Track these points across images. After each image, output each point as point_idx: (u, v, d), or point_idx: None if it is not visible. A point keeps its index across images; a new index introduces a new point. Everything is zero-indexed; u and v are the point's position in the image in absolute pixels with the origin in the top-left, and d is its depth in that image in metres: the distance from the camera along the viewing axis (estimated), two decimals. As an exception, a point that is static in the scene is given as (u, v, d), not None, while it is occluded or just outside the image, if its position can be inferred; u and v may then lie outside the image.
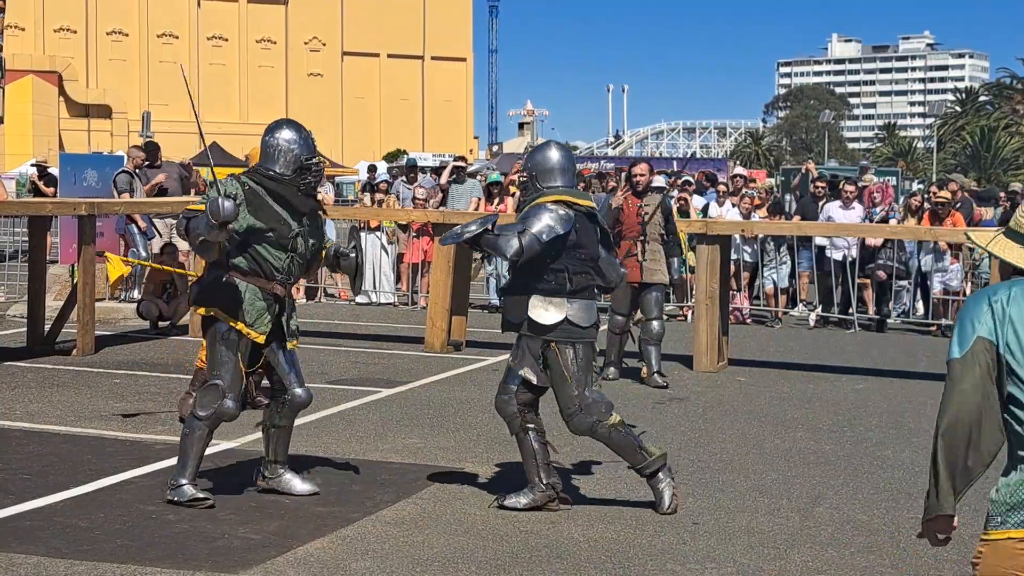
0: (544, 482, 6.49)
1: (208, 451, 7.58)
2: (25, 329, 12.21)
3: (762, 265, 16.46)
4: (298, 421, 8.55)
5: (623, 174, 14.84)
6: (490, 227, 6.41)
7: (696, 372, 11.44)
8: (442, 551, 5.80)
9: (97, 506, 6.40)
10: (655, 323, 10.66)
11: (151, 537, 5.88)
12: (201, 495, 6.39)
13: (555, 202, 6.41)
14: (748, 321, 15.97)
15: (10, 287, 16.74)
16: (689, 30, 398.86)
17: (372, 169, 23.08)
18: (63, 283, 14.98)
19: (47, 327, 12.06)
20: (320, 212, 6.72)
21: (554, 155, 6.63)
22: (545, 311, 6.39)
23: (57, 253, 14.71)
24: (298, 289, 17.77)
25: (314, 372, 11.02)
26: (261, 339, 6.49)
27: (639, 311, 10.82)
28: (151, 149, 15.91)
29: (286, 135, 6.54)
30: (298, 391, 6.66)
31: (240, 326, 6.42)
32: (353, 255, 6.87)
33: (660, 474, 6.51)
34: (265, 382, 7.05)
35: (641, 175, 10.76)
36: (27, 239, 13.36)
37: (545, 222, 6.33)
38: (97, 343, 11.95)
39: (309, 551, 5.75)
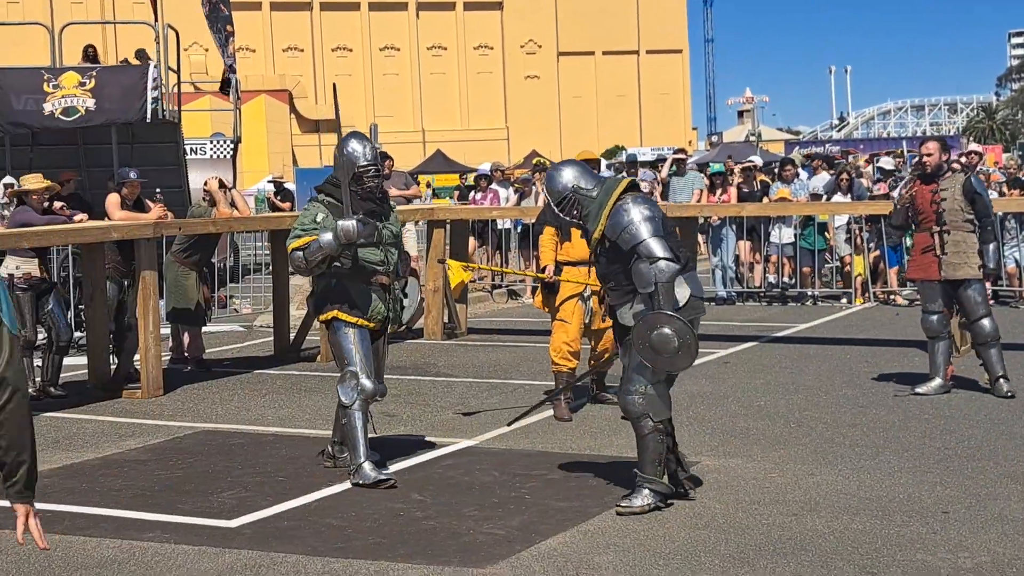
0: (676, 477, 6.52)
1: (446, 450, 7.84)
2: (272, 338, 12.79)
3: (1001, 243, 15.79)
4: (534, 418, 8.75)
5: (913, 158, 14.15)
6: (658, 294, 6.17)
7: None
8: (684, 545, 5.80)
9: (348, 505, 6.66)
10: (985, 322, 9.34)
11: (401, 534, 6.09)
12: (383, 476, 6.97)
13: (620, 198, 6.38)
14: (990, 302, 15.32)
15: (256, 299, 17.54)
16: (912, 4, 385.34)
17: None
18: (305, 293, 15.58)
19: (292, 335, 12.60)
20: (384, 207, 7.33)
21: (573, 166, 6.72)
22: (679, 288, 6.27)
23: (297, 264, 15.31)
24: (528, 289, 18.02)
25: (544, 370, 11.17)
26: (375, 326, 7.24)
27: (958, 312, 9.59)
28: (382, 160, 16.34)
29: (349, 147, 7.25)
30: (366, 382, 7.14)
31: (359, 320, 7.14)
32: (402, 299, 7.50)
33: (648, 490, 6.34)
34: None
35: (928, 155, 9.37)
36: (269, 253, 13.98)
37: (643, 222, 6.24)
38: (339, 349, 12.40)
39: (552, 545, 5.84)
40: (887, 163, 20.17)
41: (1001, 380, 9.27)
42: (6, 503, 3.41)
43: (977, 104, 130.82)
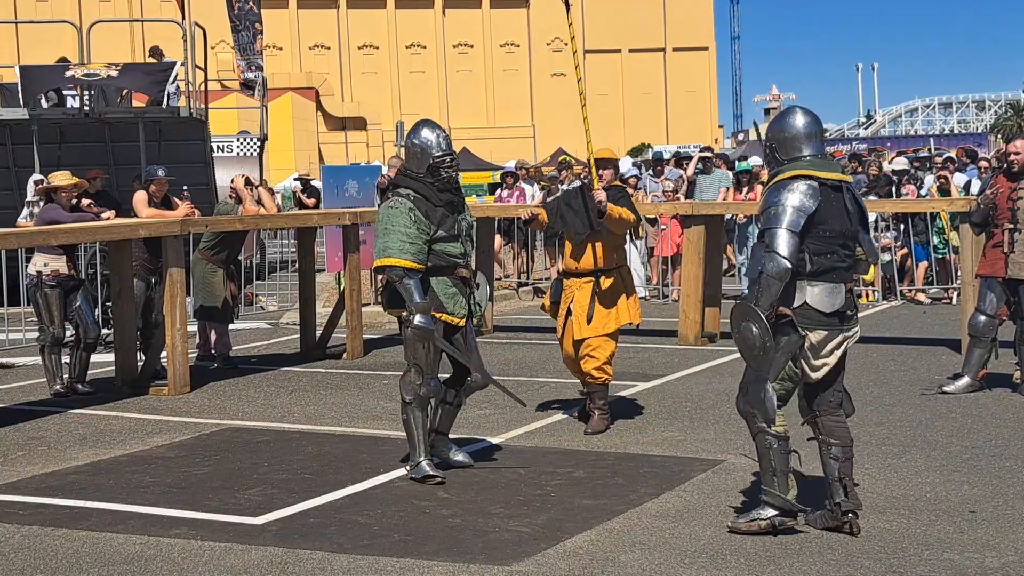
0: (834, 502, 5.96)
1: (477, 447, 7.84)
2: (298, 336, 12.83)
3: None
4: (559, 416, 8.75)
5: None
6: (753, 308, 5.73)
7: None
8: (709, 544, 5.79)
9: (374, 502, 6.67)
10: None
11: (427, 531, 6.10)
12: (433, 472, 7.01)
13: (794, 177, 5.84)
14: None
15: (282, 296, 17.61)
16: (939, 1, 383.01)
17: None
18: (331, 291, 15.64)
19: (318, 333, 12.64)
20: (460, 198, 7.22)
21: (797, 122, 5.99)
22: (785, 295, 5.79)
23: (324, 262, 15.38)
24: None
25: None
26: (462, 322, 7.14)
27: (1008, 311, 9.44)
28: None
29: (421, 136, 7.11)
30: (478, 376, 7.25)
31: (443, 316, 7.07)
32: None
33: (770, 508, 5.85)
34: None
35: (1016, 154, 9.26)
36: (295, 250, 14.02)
37: (790, 209, 5.74)
38: (365, 346, 12.46)
39: (578, 543, 5.84)
40: (900, 163, 19.97)
41: None
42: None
43: (1005, 101, 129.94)
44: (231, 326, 12.27)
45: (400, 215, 6.97)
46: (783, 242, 5.72)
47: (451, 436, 7.55)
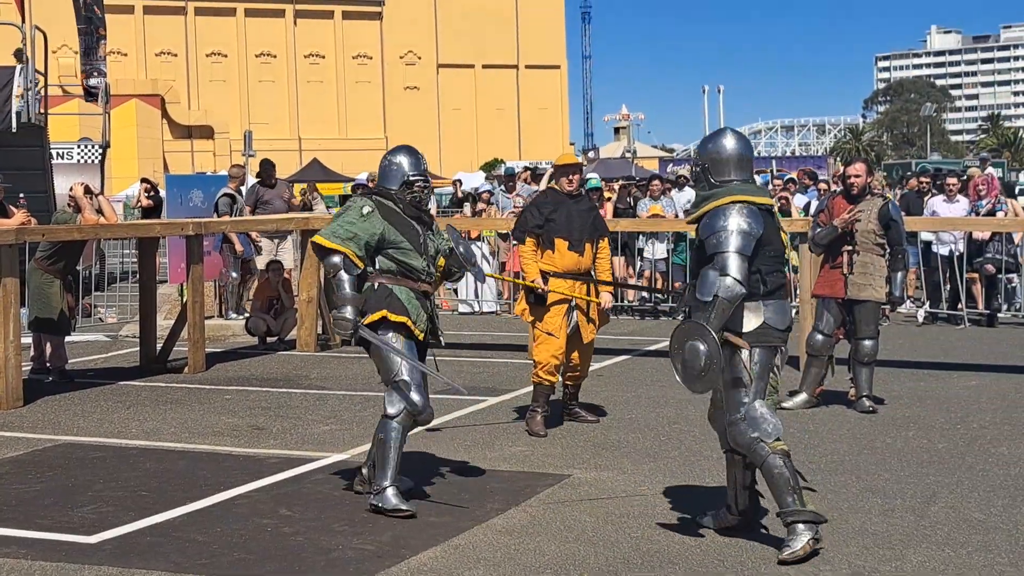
0: (737, 509, 6.16)
1: (316, 464, 7.74)
2: (138, 348, 12.51)
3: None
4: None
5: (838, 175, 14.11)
6: (703, 327, 5.75)
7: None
8: (554, 558, 5.81)
9: (214, 520, 6.53)
10: (868, 342, 9.49)
11: (267, 550, 5.98)
12: (404, 506, 6.53)
13: (733, 203, 5.87)
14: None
15: (122, 308, 17.16)
16: (784, 27, 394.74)
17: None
18: (172, 302, 15.31)
19: (159, 346, 12.34)
20: (428, 220, 7.14)
21: (730, 145, 6.03)
22: (744, 319, 5.87)
23: (166, 273, 15.05)
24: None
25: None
26: (422, 335, 6.96)
27: (843, 330, 9.66)
28: (266, 168, 16.00)
29: (398, 157, 7.15)
30: (426, 408, 6.82)
31: (408, 321, 6.82)
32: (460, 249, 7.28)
33: (802, 526, 5.76)
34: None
35: (856, 176, 9.51)
36: (136, 260, 13.68)
37: (737, 234, 5.78)
38: (208, 360, 12.21)
39: (422, 560, 5.80)
40: (756, 180, 20.49)
41: (865, 398, 9.54)
42: None
43: (845, 125, 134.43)
44: (68, 338, 11.91)
45: (352, 210, 6.95)
46: (736, 266, 5.76)
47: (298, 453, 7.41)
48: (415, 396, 6.70)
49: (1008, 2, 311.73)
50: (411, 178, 7.03)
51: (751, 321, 5.91)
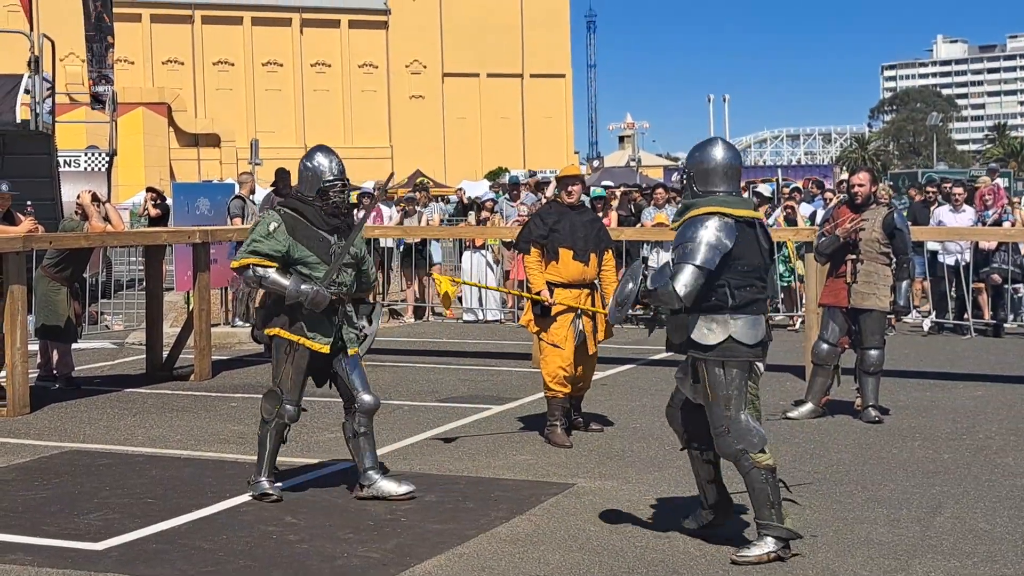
0: (708, 504, 6.28)
1: (327, 471, 7.75)
2: (144, 356, 12.53)
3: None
4: (409, 440, 8.72)
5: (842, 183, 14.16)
6: (644, 276, 5.93)
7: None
8: (558, 567, 5.82)
9: (220, 528, 6.54)
10: (874, 352, 9.49)
11: (273, 557, 5.99)
12: (271, 491, 7.05)
13: (710, 213, 5.87)
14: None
15: (128, 315, 17.19)
16: (790, 36, 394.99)
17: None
18: (179, 310, 15.34)
19: (165, 353, 12.36)
20: (351, 226, 7.16)
21: (717, 155, 6.00)
22: (708, 331, 5.87)
23: (173, 281, 15.07)
24: (408, 309, 17.97)
25: (424, 391, 11.15)
26: (326, 350, 7.04)
27: (849, 340, 9.62)
28: (282, 176, 15.99)
29: (314, 161, 7.13)
30: (365, 397, 7.15)
31: (303, 340, 6.99)
32: (365, 326, 7.30)
33: (771, 539, 5.84)
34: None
35: (859, 186, 9.52)
36: (143, 268, 13.71)
37: (705, 246, 5.77)
38: (214, 368, 12.23)
39: (427, 569, 5.81)
40: (765, 190, 20.56)
41: (871, 408, 9.52)
42: None
43: (851, 134, 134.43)
44: (74, 345, 11.93)
45: (259, 227, 7.08)
46: (685, 280, 5.79)
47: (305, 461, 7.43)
48: (288, 408, 7.08)
49: (1014, 12, 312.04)
50: (326, 185, 7.05)
51: (716, 334, 5.89)
